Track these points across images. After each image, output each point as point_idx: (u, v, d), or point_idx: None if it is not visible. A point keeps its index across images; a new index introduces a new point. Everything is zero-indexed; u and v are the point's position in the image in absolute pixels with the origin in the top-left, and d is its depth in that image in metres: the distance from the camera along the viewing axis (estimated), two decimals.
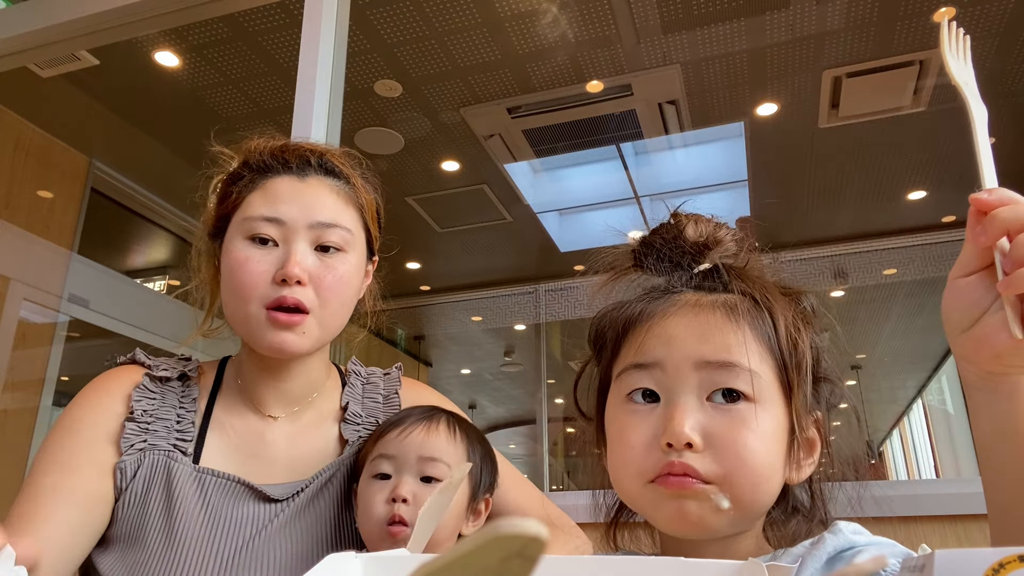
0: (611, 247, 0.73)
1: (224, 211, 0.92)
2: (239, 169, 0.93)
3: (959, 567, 0.36)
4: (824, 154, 3.60)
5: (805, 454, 0.63)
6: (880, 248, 4.35)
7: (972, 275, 0.51)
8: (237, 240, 0.89)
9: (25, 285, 3.18)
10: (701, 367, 0.60)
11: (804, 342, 0.62)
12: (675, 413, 0.59)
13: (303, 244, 0.88)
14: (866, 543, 0.56)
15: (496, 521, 0.20)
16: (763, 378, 0.60)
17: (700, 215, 0.70)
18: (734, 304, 0.62)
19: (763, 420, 0.59)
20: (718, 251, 0.68)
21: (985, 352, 0.50)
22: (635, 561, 0.53)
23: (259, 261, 0.87)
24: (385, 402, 1.04)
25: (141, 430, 0.88)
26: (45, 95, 3.12)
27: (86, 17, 2.10)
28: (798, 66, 2.99)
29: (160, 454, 0.88)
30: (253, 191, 0.91)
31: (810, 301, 0.68)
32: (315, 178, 0.92)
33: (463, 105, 3.26)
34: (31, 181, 3.30)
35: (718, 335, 0.61)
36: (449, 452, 0.88)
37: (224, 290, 0.91)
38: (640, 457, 0.60)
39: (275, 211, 0.88)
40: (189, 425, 0.91)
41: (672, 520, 0.59)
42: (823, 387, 0.66)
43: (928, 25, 2.74)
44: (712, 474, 0.57)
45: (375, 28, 2.75)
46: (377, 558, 0.50)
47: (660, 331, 0.63)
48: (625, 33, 2.81)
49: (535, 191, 4.12)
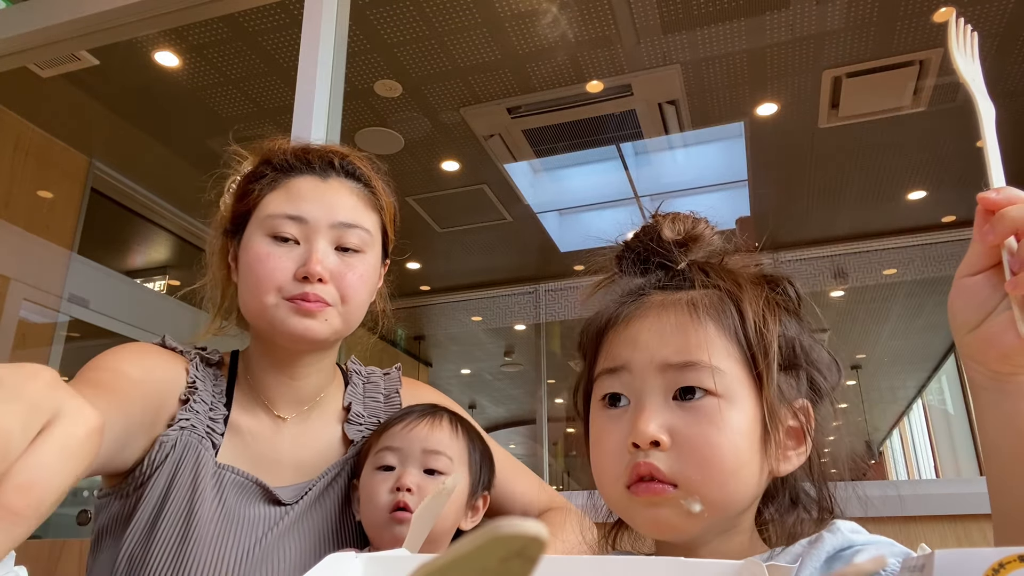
0: (602, 249, 0.73)
1: (243, 208, 0.92)
2: (260, 168, 0.94)
3: (959, 567, 0.36)
4: (824, 154, 3.60)
5: (794, 443, 0.63)
6: (880, 248, 4.35)
7: (979, 274, 0.51)
8: (257, 236, 0.89)
9: (25, 285, 3.18)
10: (664, 369, 0.60)
11: (772, 330, 0.62)
12: (640, 414, 0.59)
13: (324, 243, 0.89)
14: (865, 542, 0.56)
15: (496, 521, 0.20)
16: (728, 373, 0.60)
17: (679, 213, 0.70)
18: (696, 301, 0.62)
19: (730, 415, 0.58)
20: (696, 248, 0.68)
21: (993, 352, 0.50)
22: (635, 561, 0.53)
23: (280, 257, 0.87)
24: (386, 401, 1.05)
25: (191, 409, 0.89)
26: (45, 95, 3.12)
27: (86, 17, 2.10)
28: (798, 66, 2.99)
29: (196, 438, 0.88)
30: (275, 189, 0.91)
31: (793, 288, 0.67)
32: (336, 179, 0.93)
33: (463, 105, 3.27)
34: (31, 181, 3.30)
35: (679, 335, 0.61)
36: (452, 446, 0.91)
37: (242, 285, 0.91)
38: (614, 461, 0.61)
39: (298, 209, 0.89)
40: (220, 414, 0.92)
41: (650, 528, 0.60)
42: (803, 374, 0.65)
43: (928, 25, 2.74)
44: (677, 473, 0.57)
45: (375, 28, 2.75)
46: (377, 558, 0.50)
47: (626, 335, 0.64)
48: (625, 33, 2.81)
49: (535, 191, 4.12)
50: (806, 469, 0.64)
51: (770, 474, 0.62)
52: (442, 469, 0.89)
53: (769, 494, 0.65)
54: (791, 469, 0.63)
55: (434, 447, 0.89)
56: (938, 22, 2.72)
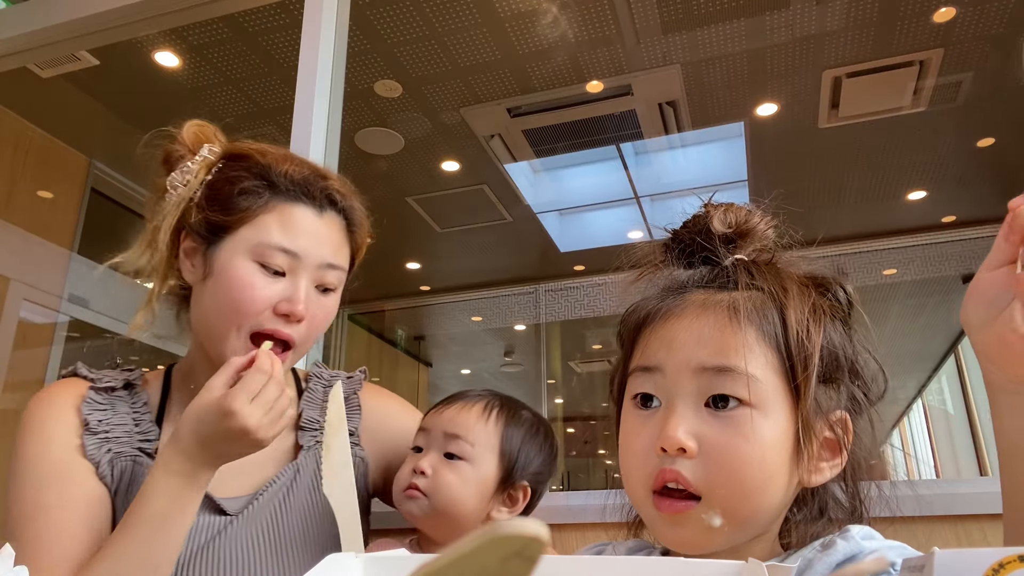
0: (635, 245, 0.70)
1: (227, 219, 0.88)
2: (255, 184, 0.89)
3: (959, 567, 0.36)
4: (824, 154, 3.60)
5: (828, 455, 0.61)
6: (880, 248, 4.34)
7: (997, 271, 0.50)
8: (243, 258, 0.86)
9: (25, 285, 3.18)
10: (699, 372, 0.58)
11: (815, 341, 0.59)
12: (670, 418, 0.58)
13: (308, 282, 0.88)
14: (877, 547, 0.54)
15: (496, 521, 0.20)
16: (764, 382, 0.58)
17: (732, 204, 0.67)
18: (738, 304, 0.60)
19: (762, 426, 0.57)
20: (747, 242, 0.65)
21: (1007, 355, 0.49)
22: (635, 561, 0.53)
23: (264, 288, 0.86)
24: (346, 404, 1.02)
25: (101, 441, 0.87)
26: (45, 95, 3.12)
27: (86, 17, 2.09)
28: (798, 66, 2.99)
29: (127, 461, 0.87)
30: (269, 212, 0.88)
31: (844, 291, 0.64)
32: (330, 215, 0.92)
33: (463, 105, 3.26)
34: (31, 181, 3.30)
35: (717, 338, 0.59)
36: (476, 431, 0.91)
37: (209, 299, 0.88)
38: (641, 463, 0.59)
39: (294, 244, 0.87)
40: (149, 426, 0.91)
41: (672, 541, 0.59)
42: (845, 385, 0.62)
43: (928, 25, 2.74)
44: (702, 482, 0.56)
45: (375, 28, 2.75)
46: (377, 558, 0.50)
47: (663, 333, 0.62)
48: (625, 33, 2.81)
49: (535, 191, 4.11)
50: (839, 479, 0.62)
51: (799, 484, 0.60)
52: (461, 454, 0.90)
53: (797, 502, 0.63)
54: (822, 481, 0.61)
55: (454, 431, 0.90)
56: (938, 22, 2.72)
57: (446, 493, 0.88)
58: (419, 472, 0.89)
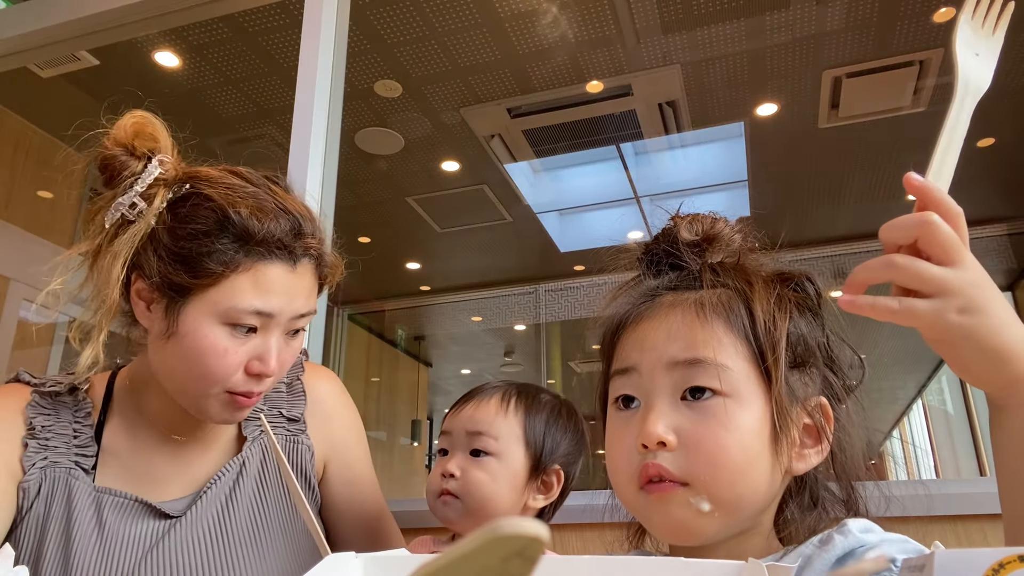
0: (621, 248, 0.73)
1: (194, 284, 0.80)
2: (225, 244, 0.80)
3: (959, 567, 0.36)
4: (824, 154, 3.60)
5: (811, 442, 0.62)
6: (880, 248, 4.33)
7: None
8: (212, 322, 0.80)
9: (25, 285, 3.18)
10: (672, 367, 0.60)
11: (781, 327, 0.61)
12: (648, 415, 0.59)
13: (279, 335, 0.84)
14: (878, 541, 0.54)
15: (496, 521, 0.20)
16: (735, 371, 0.59)
17: (698, 214, 0.70)
18: (704, 300, 0.62)
19: (738, 414, 0.58)
20: (715, 248, 0.67)
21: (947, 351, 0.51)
22: (635, 561, 0.53)
23: (235, 353, 0.81)
24: (288, 389, 1.01)
25: (41, 447, 0.85)
26: (45, 95, 3.12)
27: (86, 17, 2.10)
28: (798, 66, 2.99)
29: (62, 471, 0.85)
30: (241, 273, 0.80)
31: (812, 284, 0.66)
32: (304, 264, 0.85)
33: (463, 105, 3.26)
34: (31, 181, 3.30)
35: (686, 333, 0.61)
36: (497, 425, 0.89)
37: (178, 362, 0.82)
38: (626, 462, 0.61)
39: (267, 305, 0.80)
40: (87, 440, 0.89)
41: (664, 528, 0.60)
42: (819, 370, 0.64)
43: (928, 25, 2.74)
44: (686, 472, 0.57)
45: (375, 28, 2.75)
46: (377, 558, 0.50)
47: (636, 335, 0.64)
48: (625, 33, 2.81)
49: (535, 191, 4.11)
50: (829, 468, 0.63)
51: (787, 473, 0.61)
52: (486, 449, 0.88)
53: (790, 493, 0.64)
54: (808, 468, 0.62)
55: (476, 428, 0.89)
56: (938, 22, 2.72)
57: (477, 492, 0.86)
58: (448, 475, 0.87)
